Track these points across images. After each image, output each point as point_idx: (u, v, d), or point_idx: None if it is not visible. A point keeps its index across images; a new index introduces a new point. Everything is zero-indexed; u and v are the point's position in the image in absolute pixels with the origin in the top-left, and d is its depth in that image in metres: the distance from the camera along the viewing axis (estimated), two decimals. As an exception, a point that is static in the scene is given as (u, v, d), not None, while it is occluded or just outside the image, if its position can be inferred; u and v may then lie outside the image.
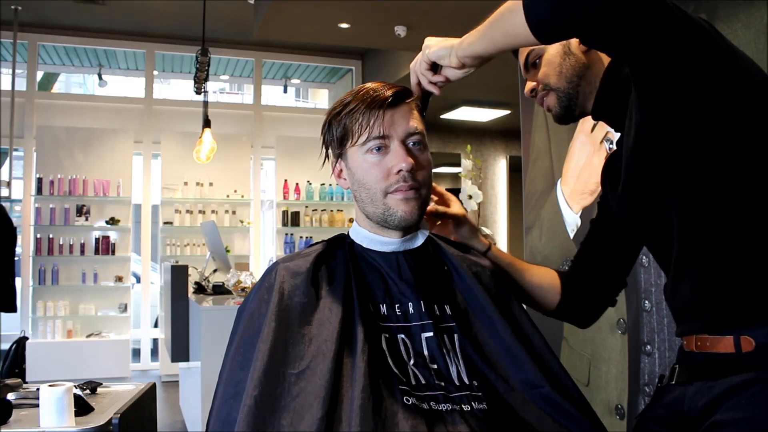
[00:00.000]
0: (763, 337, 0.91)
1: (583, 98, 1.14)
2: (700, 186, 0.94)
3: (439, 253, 1.13)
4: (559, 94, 1.14)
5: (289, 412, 0.87)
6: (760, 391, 0.89)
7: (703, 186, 0.93)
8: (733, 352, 0.93)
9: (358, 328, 0.97)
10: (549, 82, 1.14)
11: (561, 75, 1.13)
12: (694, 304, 1.00)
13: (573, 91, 1.13)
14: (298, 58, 6.67)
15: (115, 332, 5.71)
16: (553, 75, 1.13)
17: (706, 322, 0.98)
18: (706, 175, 0.93)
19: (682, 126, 0.90)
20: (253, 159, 6.34)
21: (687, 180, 0.94)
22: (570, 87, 1.13)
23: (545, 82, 1.14)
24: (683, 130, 0.91)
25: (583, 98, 1.14)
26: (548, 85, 1.14)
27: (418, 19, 4.41)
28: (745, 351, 0.92)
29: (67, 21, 5.78)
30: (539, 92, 1.17)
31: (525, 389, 1.00)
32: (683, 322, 1.05)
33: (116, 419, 1.54)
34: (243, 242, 6.17)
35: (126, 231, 5.84)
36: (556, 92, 1.14)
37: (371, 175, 1.04)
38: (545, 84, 1.15)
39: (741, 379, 0.91)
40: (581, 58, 1.12)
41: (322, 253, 1.09)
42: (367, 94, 1.04)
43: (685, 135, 0.91)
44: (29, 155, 5.77)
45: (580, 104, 1.15)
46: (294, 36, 5.35)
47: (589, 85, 1.13)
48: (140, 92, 6.33)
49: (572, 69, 1.13)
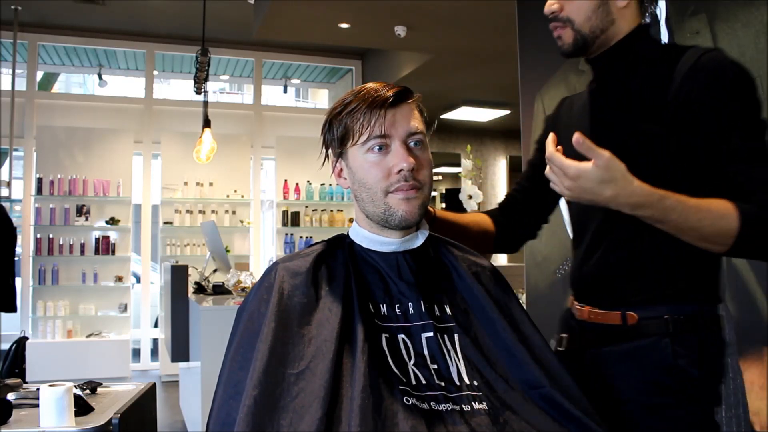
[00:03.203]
0: (644, 313, 1.12)
1: (594, 46, 1.19)
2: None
3: (439, 253, 1.13)
4: (577, 36, 1.17)
5: (289, 412, 0.87)
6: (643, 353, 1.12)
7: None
8: (620, 324, 1.14)
9: (357, 328, 0.97)
10: (575, 19, 1.16)
11: (588, 20, 1.16)
12: (597, 279, 1.19)
13: (591, 39, 1.17)
14: (298, 58, 6.67)
15: (115, 332, 5.71)
16: (581, 16, 1.16)
17: (605, 298, 1.18)
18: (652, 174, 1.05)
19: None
20: (253, 159, 6.34)
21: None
22: (591, 34, 1.17)
23: (571, 18, 1.17)
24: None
25: (594, 46, 1.19)
26: (572, 22, 1.17)
27: (418, 19, 4.41)
28: (630, 323, 1.13)
29: (67, 21, 5.78)
30: (558, 21, 1.19)
31: (525, 389, 1.00)
32: (583, 294, 1.23)
33: (116, 419, 1.54)
34: (243, 242, 6.17)
35: (126, 231, 5.84)
36: (576, 32, 1.17)
37: (372, 175, 1.04)
38: (569, 19, 1.17)
39: (628, 347, 1.13)
40: (612, 15, 1.16)
41: (322, 253, 1.09)
42: (369, 94, 1.04)
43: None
44: (29, 155, 5.77)
45: (588, 49, 1.19)
46: (294, 36, 5.35)
47: (607, 38, 1.18)
48: (140, 92, 6.33)
49: (601, 21, 1.16)
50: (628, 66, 1.18)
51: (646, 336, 1.12)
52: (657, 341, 1.10)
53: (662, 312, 1.11)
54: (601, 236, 1.17)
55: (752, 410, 1.76)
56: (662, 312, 1.11)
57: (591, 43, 1.18)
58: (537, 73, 2.77)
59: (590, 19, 1.15)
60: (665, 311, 1.11)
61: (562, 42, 1.20)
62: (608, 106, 1.20)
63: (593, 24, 1.16)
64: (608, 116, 1.20)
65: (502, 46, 4.46)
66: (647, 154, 1.11)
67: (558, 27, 1.19)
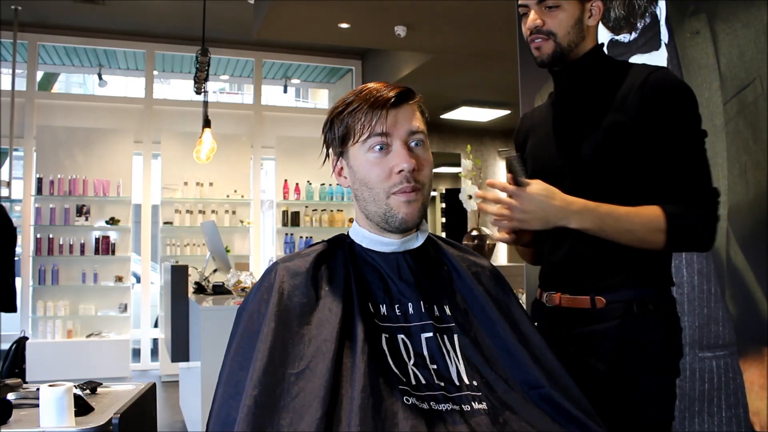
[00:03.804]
0: (611, 297, 1.25)
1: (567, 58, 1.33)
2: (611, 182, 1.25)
3: (439, 254, 1.13)
4: (557, 48, 1.30)
5: (289, 412, 0.87)
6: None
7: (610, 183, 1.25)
8: (589, 308, 1.26)
9: (357, 328, 0.97)
10: (558, 33, 1.29)
11: (568, 35, 1.30)
12: (567, 267, 1.32)
13: (567, 51, 1.31)
14: (298, 58, 6.67)
15: (115, 332, 5.71)
16: (563, 30, 1.30)
17: (575, 284, 1.29)
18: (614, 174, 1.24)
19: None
20: (253, 159, 6.34)
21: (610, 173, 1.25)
22: (568, 47, 1.31)
23: (554, 31, 1.30)
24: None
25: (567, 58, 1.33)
26: (555, 35, 1.30)
27: (418, 19, 4.41)
28: (598, 307, 1.25)
29: (67, 21, 5.78)
30: (542, 33, 1.30)
31: (525, 389, 1.00)
32: (554, 282, 1.35)
33: (116, 419, 1.54)
34: (243, 242, 6.17)
35: (126, 231, 5.84)
36: (557, 45, 1.30)
37: (373, 174, 1.04)
38: (552, 32, 1.30)
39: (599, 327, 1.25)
40: (584, 32, 1.32)
41: (322, 253, 1.09)
42: (370, 94, 1.05)
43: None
44: (29, 155, 5.77)
45: (563, 61, 1.33)
46: (294, 36, 5.35)
47: (575, 53, 1.33)
48: (140, 92, 6.33)
49: (576, 36, 1.31)
50: (589, 78, 1.33)
51: (614, 318, 1.24)
52: (623, 321, 1.23)
53: (626, 295, 1.24)
54: (567, 229, 1.26)
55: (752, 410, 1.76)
56: (626, 295, 1.24)
57: (567, 56, 1.31)
58: (537, 73, 2.76)
59: (569, 33, 1.30)
60: (628, 294, 1.24)
61: (540, 53, 1.32)
62: (568, 113, 1.35)
63: (571, 38, 1.30)
64: (568, 123, 1.35)
65: (502, 46, 4.46)
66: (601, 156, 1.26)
67: (540, 39, 1.31)
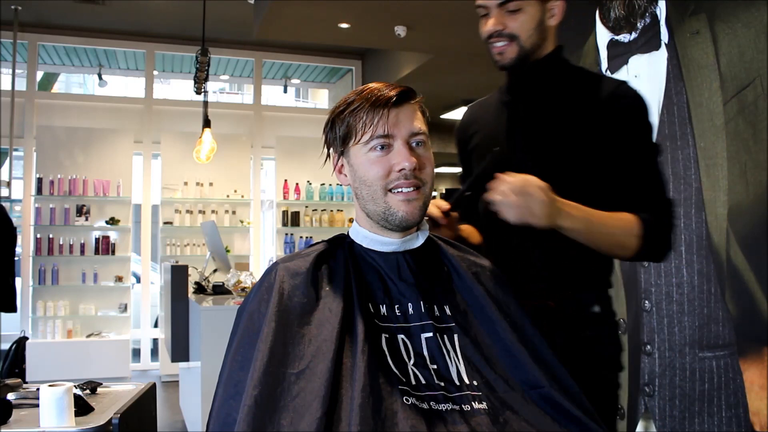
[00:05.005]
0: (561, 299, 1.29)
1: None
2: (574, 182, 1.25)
3: (439, 254, 1.13)
4: (521, 51, 1.29)
5: (289, 412, 0.87)
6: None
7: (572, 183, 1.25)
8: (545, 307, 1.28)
9: (357, 328, 0.97)
10: (520, 35, 1.28)
11: (530, 37, 1.29)
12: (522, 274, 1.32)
13: (530, 53, 1.30)
14: (298, 58, 6.67)
15: (115, 332, 5.71)
16: (525, 32, 1.28)
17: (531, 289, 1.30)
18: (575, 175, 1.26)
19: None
20: (253, 159, 6.34)
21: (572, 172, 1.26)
22: (531, 49, 1.29)
23: (516, 34, 1.28)
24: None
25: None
26: (518, 38, 1.28)
27: (418, 19, 4.41)
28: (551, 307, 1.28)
29: (67, 21, 5.78)
30: (503, 37, 1.29)
31: (525, 389, 1.00)
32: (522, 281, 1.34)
33: (116, 419, 1.54)
34: (243, 242, 6.17)
35: (126, 231, 5.84)
36: (521, 48, 1.28)
37: (373, 172, 1.04)
38: (515, 35, 1.28)
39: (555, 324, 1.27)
40: (545, 33, 1.31)
41: (322, 253, 1.09)
42: (372, 93, 1.05)
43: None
44: (29, 155, 5.77)
45: (527, 63, 1.31)
46: (294, 36, 5.35)
47: (537, 55, 1.31)
48: (140, 92, 6.32)
49: (539, 38, 1.30)
50: (550, 82, 1.33)
51: (565, 316, 1.29)
52: (573, 319, 1.29)
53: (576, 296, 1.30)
54: (523, 241, 1.31)
55: (752, 410, 1.77)
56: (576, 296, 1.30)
57: (530, 58, 1.30)
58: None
59: (531, 36, 1.28)
60: (577, 296, 1.30)
61: (503, 57, 1.30)
62: (527, 115, 1.34)
63: (533, 41, 1.29)
64: (525, 125, 1.34)
65: (502, 46, 4.45)
66: (560, 161, 1.28)
67: (502, 43, 1.29)
